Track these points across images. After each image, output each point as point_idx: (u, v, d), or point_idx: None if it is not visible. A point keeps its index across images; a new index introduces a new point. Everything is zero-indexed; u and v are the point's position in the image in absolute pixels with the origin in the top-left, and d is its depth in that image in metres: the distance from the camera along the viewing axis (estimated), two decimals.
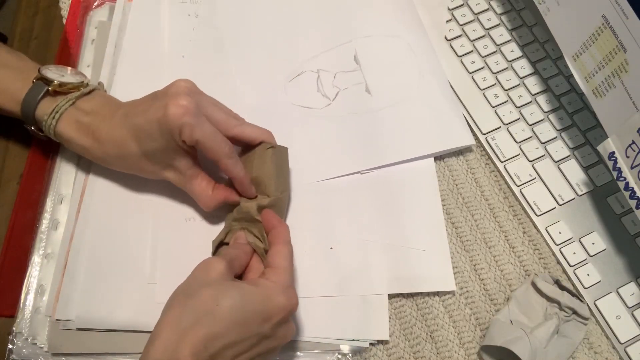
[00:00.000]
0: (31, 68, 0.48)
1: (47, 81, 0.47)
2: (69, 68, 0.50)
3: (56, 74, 0.48)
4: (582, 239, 0.52)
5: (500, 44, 0.60)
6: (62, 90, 0.47)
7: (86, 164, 0.52)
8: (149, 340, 0.37)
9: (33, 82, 0.47)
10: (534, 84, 0.58)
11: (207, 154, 0.44)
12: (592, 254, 0.51)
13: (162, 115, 0.42)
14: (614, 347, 0.49)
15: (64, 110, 0.46)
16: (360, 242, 0.50)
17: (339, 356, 0.47)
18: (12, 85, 0.47)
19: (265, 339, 0.39)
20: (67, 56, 0.57)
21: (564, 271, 0.51)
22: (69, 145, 0.48)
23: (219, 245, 0.47)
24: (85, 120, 0.46)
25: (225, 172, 0.45)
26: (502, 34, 0.61)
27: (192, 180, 0.46)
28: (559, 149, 0.55)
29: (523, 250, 0.52)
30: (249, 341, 0.38)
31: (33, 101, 0.46)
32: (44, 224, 0.50)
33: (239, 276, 0.44)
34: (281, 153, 0.48)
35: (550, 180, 0.54)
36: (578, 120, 0.56)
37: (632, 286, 0.50)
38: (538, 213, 0.53)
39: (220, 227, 0.49)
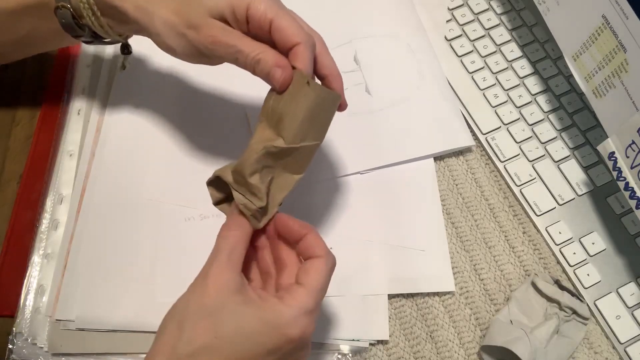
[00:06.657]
0: None
1: None
2: None
3: None
4: (582, 239, 0.52)
5: (500, 44, 0.60)
6: None
7: (86, 164, 0.52)
8: None
9: None
10: (534, 84, 0.58)
11: (280, 38, 0.38)
12: (592, 254, 0.51)
13: None
14: (614, 347, 0.49)
15: None
16: (360, 242, 0.50)
17: (339, 356, 0.47)
18: None
19: None
20: (68, 55, 0.57)
21: (564, 271, 0.51)
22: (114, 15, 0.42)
23: (215, 180, 0.38)
24: None
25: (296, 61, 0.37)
26: (502, 34, 0.61)
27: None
28: (559, 149, 0.55)
29: (523, 250, 0.52)
30: None
31: None
32: (44, 224, 0.50)
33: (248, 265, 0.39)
34: (323, 98, 0.38)
35: (550, 180, 0.54)
36: (578, 120, 0.56)
37: (632, 286, 0.50)
38: (538, 213, 0.53)
39: (218, 227, 0.47)
